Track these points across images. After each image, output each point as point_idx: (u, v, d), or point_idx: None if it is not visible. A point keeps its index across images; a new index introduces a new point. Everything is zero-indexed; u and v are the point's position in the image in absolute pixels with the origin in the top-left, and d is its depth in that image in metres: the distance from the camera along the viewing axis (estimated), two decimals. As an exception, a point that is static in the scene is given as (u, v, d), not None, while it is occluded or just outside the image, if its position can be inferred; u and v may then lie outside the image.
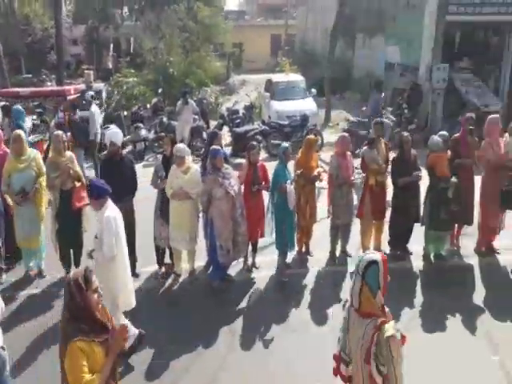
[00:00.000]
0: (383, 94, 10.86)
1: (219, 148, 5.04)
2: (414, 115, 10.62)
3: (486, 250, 5.74)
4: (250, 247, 5.47)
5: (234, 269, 5.37)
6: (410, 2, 12.70)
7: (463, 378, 3.74)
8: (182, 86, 12.58)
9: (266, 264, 5.54)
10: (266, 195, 5.41)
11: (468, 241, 5.88)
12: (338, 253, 5.76)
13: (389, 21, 13.69)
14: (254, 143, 5.42)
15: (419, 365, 3.69)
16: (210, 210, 4.86)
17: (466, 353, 4.02)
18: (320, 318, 4.59)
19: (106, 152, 6.13)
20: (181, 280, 5.31)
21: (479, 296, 4.94)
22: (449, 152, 5.64)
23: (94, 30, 23.94)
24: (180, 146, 5.14)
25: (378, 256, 2.37)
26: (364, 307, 2.31)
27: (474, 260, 5.62)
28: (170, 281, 5.30)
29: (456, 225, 5.78)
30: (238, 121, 10.23)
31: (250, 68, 24.06)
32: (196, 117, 9.95)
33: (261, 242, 5.56)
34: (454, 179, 5.40)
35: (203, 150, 6.87)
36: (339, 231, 5.70)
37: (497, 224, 5.67)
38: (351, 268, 5.43)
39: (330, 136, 10.10)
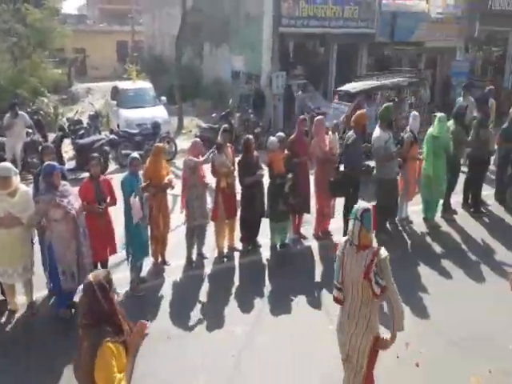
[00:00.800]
0: (231, 100, 11.46)
1: (54, 164, 4.66)
2: (259, 119, 11.45)
3: (322, 234, 6.54)
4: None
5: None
6: (250, 14, 13.60)
7: (308, 348, 4.23)
8: (13, 97, 11.20)
9: (118, 282, 5.29)
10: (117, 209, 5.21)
11: (308, 227, 6.62)
12: (194, 256, 5.89)
13: (233, 31, 14.43)
14: (95, 155, 5.18)
15: (271, 342, 4.05)
16: (47, 233, 4.44)
17: (309, 326, 4.55)
18: (180, 325, 4.63)
19: None
20: (18, 315, 4.73)
21: (318, 274, 5.62)
22: (285, 151, 6.26)
23: None
24: (3, 164, 4.59)
25: (368, 205, 3.19)
26: (362, 242, 3.02)
27: (313, 243, 6.35)
28: (3, 319, 4.68)
29: (296, 215, 6.47)
30: (82, 132, 9.55)
31: (95, 75, 22.81)
32: (30, 130, 8.89)
33: (114, 258, 5.33)
34: (289, 175, 6.03)
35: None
36: (195, 234, 5.84)
37: (330, 211, 6.52)
38: (208, 270, 5.65)
39: (183, 143, 10.22)
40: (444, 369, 3.95)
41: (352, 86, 10.18)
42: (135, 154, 5.29)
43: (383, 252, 3.00)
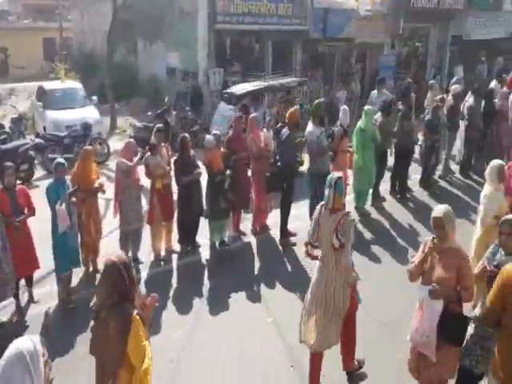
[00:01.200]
0: (167, 98, 11.23)
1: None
2: (197, 117, 11.33)
3: (260, 228, 6.63)
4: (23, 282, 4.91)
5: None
6: (185, 10, 13.35)
7: (247, 344, 4.28)
8: None
9: (44, 296, 5.03)
10: (37, 221, 4.91)
11: (247, 223, 6.69)
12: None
13: (167, 27, 14.11)
14: (9, 164, 4.82)
15: (210, 340, 4.05)
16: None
17: (248, 320, 4.62)
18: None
19: None
20: None
21: (257, 269, 5.70)
22: (222, 149, 6.25)
23: None
24: None
25: (340, 174, 3.82)
26: (336, 206, 3.56)
27: (252, 239, 6.42)
28: None
29: (236, 212, 6.50)
30: (4, 136, 8.89)
31: (19, 75, 21.30)
32: None
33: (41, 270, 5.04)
34: (228, 172, 6.04)
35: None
36: (129, 238, 5.68)
37: (267, 205, 6.62)
38: (144, 275, 5.51)
39: (117, 144, 9.87)
40: (375, 350, 4.17)
41: (238, 88, 9.85)
42: (60, 159, 5.02)
43: (350, 216, 3.58)
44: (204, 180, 6.05)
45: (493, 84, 10.06)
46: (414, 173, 8.37)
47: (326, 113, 8.57)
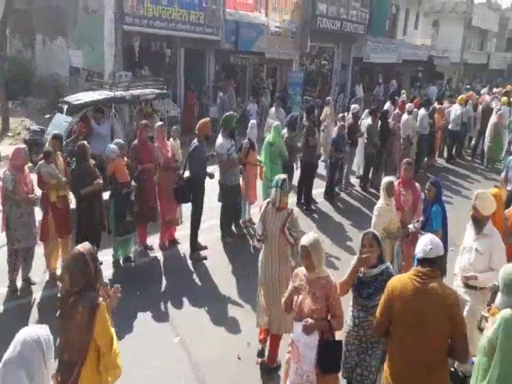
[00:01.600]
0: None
1: None
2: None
3: (169, 242, 6.42)
4: None
5: None
6: (90, 7, 12.58)
7: (155, 368, 4.07)
8: None
9: None
10: None
11: (155, 237, 6.43)
12: (19, 283, 5.15)
13: (70, 24, 13.17)
14: None
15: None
16: None
17: (155, 343, 4.40)
18: None
19: None
20: None
21: (164, 286, 5.49)
22: (126, 158, 5.94)
23: None
24: None
25: (285, 175, 4.32)
26: (281, 205, 4.09)
27: (159, 254, 6.19)
28: None
29: (142, 225, 6.20)
30: None
31: None
32: None
33: None
34: (133, 183, 5.76)
35: None
36: (19, 256, 5.09)
37: (175, 217, 6.44)
38: (37, 297, 4.98)
39: (8, 148, 8.86)
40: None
41: (76, 97, 8.07)
42: None
43: (295, 213, 4.16)
44: (106, 192, 5.69)
45: (387, 105, 11.09)
46: (318, 186, 8.83)
47: (237, 125, 8.69)
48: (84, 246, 2.72)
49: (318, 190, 8.76)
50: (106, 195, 5.76)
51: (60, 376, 2.58)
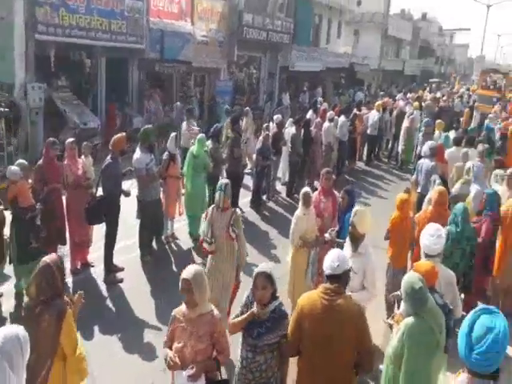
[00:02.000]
0: None
1: None
2: (13, 136, 9.91)
3: (81, 265, 6.02)
4: None
5: None
6: (-2, 14, 11.65)
7: None
8: None
9: None
10: None
11: (65, 262, 5.96)
12: None
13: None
14: None
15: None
16: None
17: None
18: None
19: None
20: None
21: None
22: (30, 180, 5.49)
23: None
24: None
25: (227, 179, 4.91)
26: (225, 205, 4.61)
27: (70, 279, 5.72)
28: None
29: (51, 249, 5.73)
30: None
31: None
32: None
33: None
34: (39, 205, 5.32)
35: None
36: None
37: (86, 239, 6.04)
38: None
39: None
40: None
41: None
42: None
43: (239, 213, 4.73)
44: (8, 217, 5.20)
45: (309, 114, 11.40)
46: (244, 196, 8.81)
47: (157, 138, 8.45)
48: (51, 258, 2.90)
49: (244, 200, 8.74)
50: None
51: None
